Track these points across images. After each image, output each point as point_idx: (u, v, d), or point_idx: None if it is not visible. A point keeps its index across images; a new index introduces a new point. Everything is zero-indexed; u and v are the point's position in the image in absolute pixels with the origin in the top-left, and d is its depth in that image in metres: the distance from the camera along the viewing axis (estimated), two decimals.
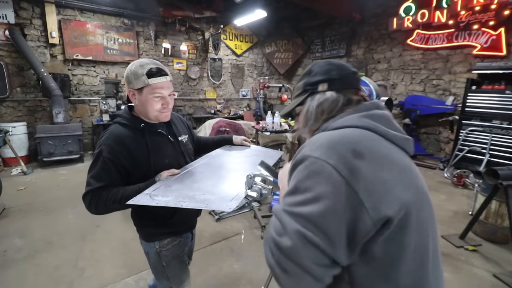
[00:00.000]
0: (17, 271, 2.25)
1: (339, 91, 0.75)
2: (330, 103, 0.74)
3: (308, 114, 0.77)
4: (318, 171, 0.58)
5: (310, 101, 0.78)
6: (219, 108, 7.95)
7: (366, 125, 0.67)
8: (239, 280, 2.18)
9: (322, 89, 0.76)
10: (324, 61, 0.81)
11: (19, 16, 5.14)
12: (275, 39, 8.37)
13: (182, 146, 1.34)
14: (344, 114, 0.72)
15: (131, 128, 1.18)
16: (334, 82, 0.75)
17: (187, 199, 0.94)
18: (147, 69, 1.12)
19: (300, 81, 0.84)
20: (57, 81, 5.31)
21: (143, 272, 2.23)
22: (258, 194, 1.02)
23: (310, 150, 0.62)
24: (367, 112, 0.70)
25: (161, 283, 1.33)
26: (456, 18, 4.81)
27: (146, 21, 6.44)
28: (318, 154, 0.60)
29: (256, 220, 3.08)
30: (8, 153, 4.87)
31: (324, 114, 0.75)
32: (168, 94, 1.19)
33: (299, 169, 0.62)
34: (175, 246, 1.29)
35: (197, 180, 1.14)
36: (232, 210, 0.86)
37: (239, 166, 1.36)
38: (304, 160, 0.62)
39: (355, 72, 0.79)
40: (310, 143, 0.65)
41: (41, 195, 3.77)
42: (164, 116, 1.21)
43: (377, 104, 0.74)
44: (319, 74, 0.78)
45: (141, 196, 0.99)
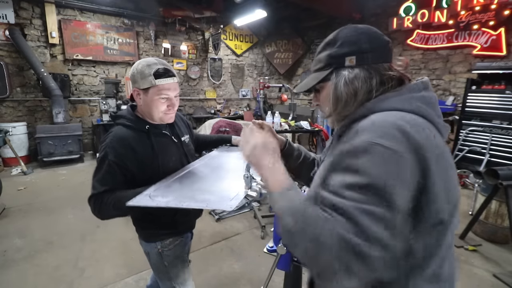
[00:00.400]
0: (17, 271, 2.25)
1: (371, 66, 0.64)
2: (361, 82, 0.64)
3: (338, 94, 0.66)
4: (397, 162, 0.51)
5: (336, 78, 0.66)
6: (219, 108, 7.95)
7: (419, 111, 0.60)
8: (239, 280, 2.18)
9: (350, 64, 0.65)
10: (351, 27, 0.68)
11: (19, 16, 5.13)
12: (275, 39, 8.36)
13: (184, 147, 1.34)
14: (391, 95, 0.63)
15: (136, 130, 1.15)
16: (364, 55, 0.64)
17: (187, 199, 0.93)
18: (154, 69, 1.10)
19: (322, 52, 0.71)
20: (57, 81, 5.30)
21: (143, 272, 2.23)
22: (257, 194, 1.02)
23: (375, 136, 0.54)
24: (418, 94, 0.62)
25: (164, 283, 1.32)
26: (456, 18, 4.81)
27: (146, 21, 6.43)
28: (390, 144, 0.52)
29: (256, 220, 3.08)
30: (8, 153, 4.87)
31: (359, 96, 0.65)
32: (174, 96, 1.17)
33: (365, 160, 0.53)
34: (176, 246, 1.28)
35: (196, 180, 1.12)
36: (233, 209, 0.85)
37: (238, 166, 1.33)
38: (371, 148, 0.53)
39: (388, 42, 0.67)
40: (368, 127, 0.57)
41: (41, 195, 3.77)
42: (168, 117, 1.19)
43: (426, 84, 0.66)
44: (346, 44, 0.66)
45: (141, 197, 0.96)
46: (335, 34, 0.69)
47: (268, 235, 2.79)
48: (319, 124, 3.63)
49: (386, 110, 0.60)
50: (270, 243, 2.59)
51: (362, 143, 0.54)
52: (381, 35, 0.67)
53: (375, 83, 0.64)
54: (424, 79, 0.67)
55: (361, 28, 0.67)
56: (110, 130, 1.17)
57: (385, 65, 0.66)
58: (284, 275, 0.99)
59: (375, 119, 0.59)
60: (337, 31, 0.69)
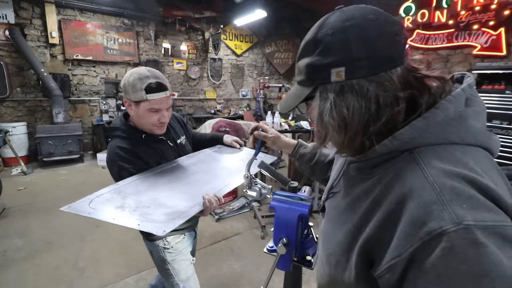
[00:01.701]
0: (17, 271, 2.25)
1: (370, 80, 0.44)
2: (353, 109, 0.45)
3: (325, 124, 0.49)
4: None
5: (320, 101, 0.49)
6: (219, 108, 7.95)
7: (482, 142, 0.44)
8: (239, 280, 2.18)
9: (338, 79, 0.45)
10: (338, 16, 0.46)
11: (19, 16, 5.13)
12: (275, 39, 8.36)
13: (181, 149, 1.34)
14: (432, 115, 0.44)
15: (133, 140, 1.17)
16: (357, 64, 0.44)
17: (126, 211, 0.87)
18: (146, 84, 1.08)
19: (301, 57, 0.52)
20: (57, 81, 5.30)
21: (143, 272, 2.23)
22: (257, 193, 1.02)
23: (460, 213, 0.36)
24: (474, 109, 0.45)
25: (167, 281, 1.33)
26: (456, 18, 4.81)
27: (146, 21, 6.43)
28: (491, 217, 0.36)
29: (256, 220, 3.08)
30: (8, 153, 4.86)
31: (354, 128, 0.47)
32: (166, 109, 1.16)
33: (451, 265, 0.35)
34: (178, 244, 1.29)
35: (155, 186, 1.04)
36: (166, 233, 0.77)
37: (215, 173, 1.25)
38: (472, 237, 0.34)
39: (397, 32, 0.45)
40: (431, 197, 0.38)
41: (41, 195, 3.77)
42: (159, 130, 1.20)
43: (472, 87, 0.48)
44: (331, 50, 0.46)
45: (81, 201, 0.92)
46: (316, 30, 0.49)
47: (268, 235, 2.78)
48: None
49: (435, 144, 0.43)
50: (270, 243, 2.58)
51: (451, 236, 0.35)
52: (384, 21, 0.45)
53: (374, 109, 0.45)
54: (468, 79, 0.50)
55: (353, 15, 0.45)
56: (109, 143, 1.18)
57: (394, 72, 0.44)
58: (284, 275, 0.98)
59: (433, 175, 0.40)
60: (320, 23, 0.49)
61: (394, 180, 0.45)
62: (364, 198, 0.50)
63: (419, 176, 0.41)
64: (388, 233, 0.42)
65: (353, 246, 0.50)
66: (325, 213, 0.67)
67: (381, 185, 0.47)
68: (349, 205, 0.54)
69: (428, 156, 0.43)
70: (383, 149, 0.47)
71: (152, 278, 1.95)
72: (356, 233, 0.49)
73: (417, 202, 0.39)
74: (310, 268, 0.86)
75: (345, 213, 0.55)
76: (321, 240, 0.66)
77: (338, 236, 0.55)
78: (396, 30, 0.45)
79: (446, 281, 0.35)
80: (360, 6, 0.47)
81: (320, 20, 0.50)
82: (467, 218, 0.35)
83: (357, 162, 0.55)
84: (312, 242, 0.91)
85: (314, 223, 0.91)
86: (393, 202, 0.43)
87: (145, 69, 1.13)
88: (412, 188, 0.41)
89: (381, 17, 0.46)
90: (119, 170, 1.10)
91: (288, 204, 0.81)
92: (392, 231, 0.42)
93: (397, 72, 0.45)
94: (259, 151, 1.01)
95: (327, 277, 0.60)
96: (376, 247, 0.45)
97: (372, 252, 0.46)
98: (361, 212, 0.49)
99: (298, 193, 0.89)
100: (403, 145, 0.45)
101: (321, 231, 0.68)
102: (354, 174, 0.56)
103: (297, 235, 0.81)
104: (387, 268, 0.42)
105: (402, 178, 0.44)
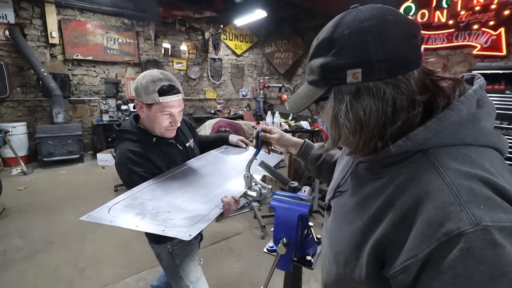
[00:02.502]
0: (17, 271, 2.25)
1: (387, 82, 0.44)
2: (370, 111, 0.45)
3: (339, 125, 0.49)
4: None
5: (334, 102, 0.48)
6: (219, 108, 7.95)
7: (495, 143, 0.45)
8: (239, 280, 2.18)
9: (354, 80, 0.45)
10: (355, 16, 0.45)
11: (19, 16, 5.13)
12: (275, 39, 8.36)
13: (190, 153, 1.34)
14: (446, 117, 0.43)
15: (143, 143, 1.16)
16: (375, 66, 0.43)
17: (147, 217, 0.86)
18: (159, 86, 1.08)
19: (314, 56, 0.50)
20: (57, 81, 5.30)
21: (143, 272, 2.23)
22: (257, 193, 1.02)
23: (478, 214, 0.36)
24: (485, 110, 0.46)
25: (177, 284, 1.31)
26: (456, 18, 4.81)
27: (146, 21, 6.43)
28: (509, 218, 0.36)
29: (256, 220, 3.08)
30: (8, 153, 4.86)
31: (371, 130, 0.46)
32: (178, 112, 1.16)
33: (472, 266, 0.35)
34: (186, 245, 1.28)
35: (170, 191, 1.03)
36: (192, 238, 0.77)
37: (226, 174, 1.25)
38: (493, 239, 0.34)
39: (415, 34, 0.45)
40: (449, 199, 0.38)
41: (41, 195, 3.77)
42: (170, 133, 1.20)
43: (483, 88, 0.48)
44: (347, 50, 0.45)
45: (100, 210, 0.90)
46: (332, 29, 0.47)
47: (268, 235, 2.79)
48: (319, 124, 3.63)
49: (449, 145, 0.43)
50: (270, 243, 2.58)
51: (472, 239, 0.35)
52: (403, 23, 0.44)
53: (391, 111, 0.44)
54: (478, 80, 0.50)
55: (371, 16, 0.44)
56: (118, 145, 1.16)
57: (412, 75, 0.44)
58: (284, 275, 0.98)
59: (449, 176, 0.40)
60: (335, 22, 0.47)
61: (408, 181, 0.45)
62: (375, 197, 0.49)
63: (435, 177, 0.41)
64: (402, 234, 0.42)
65: (363, 245, 0.49)
66: (331, 211, 0.67)
67: (393, 186, 0.47)
68: (358, 204, 0.54)
69: (443, 157, 0.43)
70: (397, 149, 0.46)
71: (152, 278, 1.95)
72: (366, 232, 0.49)
73: (434, 203, 0.39)
74: (310, 268, 0.86)
75: (354, 212, 0.55)
76: (327, 239, 0.66)
77: (346, 235, 0.55)
78: (414, 31, 0.45)
79: (464, 281, 0.35)
80: (377, 6, 0.46)
81: (335, 19, 0.48)
82: (485, 219, 0.35)
83: (366, 162, 0.55)
84: (312, 242, 0.91)
85: (314, 223, 0.91)
86: (407, 203, 0.43)
87: (158, 71, 1.12)
88: (429, 189, 0.41)
89: (399, 18, 0.45)
90: (129, 174, 1.09)
91: (288, 204, 0.81)
92: (407, 232, 0.41)
93: (414, 75, 0.44)
94: (259, 151, 1.01)
95: (335, 276, 0.59)
96: (389, 247, 0.45)
97: (384, 252, 0.46)
98: (372, 212, 0.49)
99: (298, 193, 0.89)
100: (417, 146, 0.45)
101: (327, 230, 0.67)
102: (363, 173, 0.56)
103: (297, 235, 0.81)
104: (402, 269, 0.41)
105: (417, 180, 0.43)
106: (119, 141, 1.18)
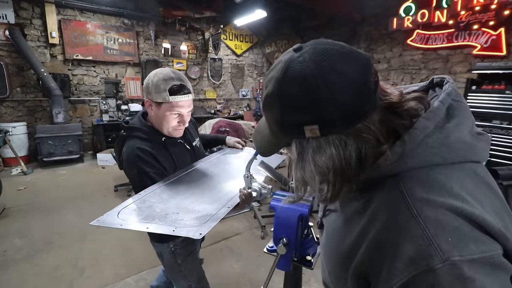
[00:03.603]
0: (17, 271, 2.25)
1: (347, 133, 0.42)
2: (334, 160, 0.44)
3: (304, 179, 0.48)
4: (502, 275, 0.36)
5: (297, 154, 0.47)
6: (219, 108, 7.95)
7: (464, 155, 0.43)
8: (239, 280, 2.18)
9: (312, 135, 0.43)
10: (305, 71, 0.41)
11: (19, 16, 5.13)
12: (275, 39, 8.36)
13: (197, 152, 1.34)
14: (414, 137, 0.42)
15: (153, 142, 1.15)
16: (330, 123, 0.41)
17: (156, 219, 0.87)
18: (170, 85, 1.07)
19: (267, 110, 0.48)
20: (57, 81, 5.31)
21: (143, 272, 2.23)
22: (257, 193, 1.02)
23: (446, 248, 0.36)
24: (456, 121, 0.43)
25: (179, 283, 1.31)
26: (456, 18, 4.81)
27: (146, 21, 6.43)
28: (479, 248, 0.36)
29: (256, 220, 3.08)
30: (8, 153, 4.86)
31: (334, 175, 0.45)
32: (187, 112, 1.16)
33: None
34: (188, 244, 1.28)
35: (177, 193, 1.05)
36: (202, 236, 0.78)
37: (229, 175, 1.26)
38: (440, 274, 0.35)
39: (365, 80, 0.41)
40: (415, 231, 0.38)
41: (41, 195, 3.77)
42: (178, 133, 1.20)
43: (452, 94, 0.45)
44: (299, 109, 0.42)
45: (109, 214, 0.91)
46: (277, 85, 0.43)
47: (268, 235, 2.78)
48: None
49: (418, 167, 0.42)
50: (270, 243, 2.58)
51: (441, 276, 0.35)
52: (353, 70, 0.41)
53: (356, 161, 0.44)
54: (447, 85, 0.47)
55: (316, 68, 0.40)
56: (126, 142, 1.15)
57: (370, 120, 0.42)
58: (284, 275, 0.98)
59: (416, 208, 0.40)
60: (280, 75, 0.43)
61: (382, 209, 0.44)
62: (357, 219, 0.49)
63: (404, 209, 0.41)
64: (377, 262, 0.43)
65: (348, 268, 0.50)
66: (324, 229, 0.68)
67: (370, 209, 0.46)
68: (345, 223, 0.54)
69: (411, 183, 0.42)
70: (366, 177, 0.46)
71: (152, 278, 1.95)
72: (350, 255, 0.50)
73: (403, 236, 0.39)
74: (310, 268, 0.86)
75: (341, 230, 0.55)
76: (322, 255, 0.67)
77: (335, 256, 0.56)
78: (366, 75, 0.41)
79: None
80: (320, 49, 0.42)
81: (279, 71, 0.43)
82: (453, 254, 0.35)
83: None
84: (312, 242, 0.91)
85: (314, 223, 0.91)
86: (380, 232, 0.43)
87: (170, 70, 1.11)
88: (398, 222, 0.41)
89: (348, 64, 0.41)
90: (138, 173, 1.09)
91: (288, 204, 0.81)
92: (381, 262, 0.42)
93: (373, 119, 0.43)
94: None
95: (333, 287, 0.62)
96: (369, 273, 0.45)
97: (367, 275, 0.46)
98: (354, 235, 0.49)
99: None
100: (386, 172, 0.44)
101: (321, 246, 0.69)
102: (346, 193, 0.55)
103: (297, 235, 0.81)
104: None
105: (388, 209, 0.43)
106: (128, 138, 1.16)
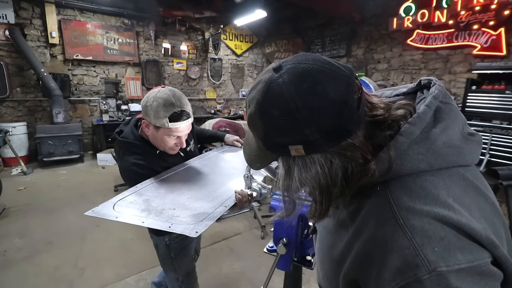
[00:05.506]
0: (17, 271, 2.25)
1: (332, 150, 0.42)
2: (323, 182, 0.43)
3: (291, 198, 0.49)
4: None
5: (284, 171, 0.47)
6: (219, 108, 7.95)
7: (450, 160, 0.42)
8: (239, 280, 2.18)
9: (298, 154, 0.43)
10: (285, 94, 0.40)
11: (19, 16, 5.13)
12: (275, 39, 8.36)
13: (190, 157, 1.36)
14: (399, 144, 0.42)
15: (147, 155, 1.17)
16: (314, 143, 0.41)
17: (152, 214, 0.87)
18: (170, 113, 1.05)
19: (252, 127, 0.47)
20: (57, 81, 5.31)
21: (143, 272, 2.23)
22: (257, 193, 1.02)
23: (431, 258, 0.36)
24: (444, 124, 0.43)
25: (168, 274, 1.37)
26: (456, 18, 4.81)
27: (146, 21, 6.43)
28: (466, 258, 0.36)
29: (256, 220, 3.08)
30: (8, 153, 4.86)
31: (323, 190, 0.44)
32: (185, 134, 1.17)
33: None
34: (183, 239, 1.32)
35: (174, 189, 1.05)
36: (198, 234, 0.78)
37: (227, 173, 1.27)
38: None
39: (346, 98, 0.39)
40: (401, 241, 0.38)
41: (41, 195, 3.77)
42: (173, 152, 1.22)
43: (439, 96, 0.45)
44: (282, 131, 0.42)
45: (105, 205, 0.91)
46: (259, 107, 0.42)
47: (268, 235, 2.78)
48: None
49: (404, 175, 0.42)
50: (270, 243, 2.58)
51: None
52: (334, 90, 0.39)
53: (342, 177, 0.43)
54: (433, 88, 0.46)
55: (296, 92, 0.39)
56: (122, 156, 1.16)
57: (355, 137, 0.42)
58: (284, 275, 0.98)
59: (403, 217, 0.39)
60: (260, 97, 0.42)
61: (370, 217, 0.44)
62: (346, 226, 0.49)
63: (390, 217, 0.40)
64: (366, 271, 0.43)
65: (339, 274, 0.50)
66: (317, 233, 0.68)
67: (359, 217, 0.46)
68: (337, 227, 0.54)
69: (398, 192, 0.42)
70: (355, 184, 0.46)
71: (152, 278, 1.95)
72: (340, 261, 0.50)
73: (390, 246, 0.39)
74: (310, 268, 0.86)
75: (334, 235, 0.55)
76: (317, 258, 0.68)
77: (328, 261, 0.57)
78: (347, 96, 0.40)
79: None
80: (300, 68, 0.40)
81: (260, 92, 0.42)
82: (439, 265, 0.35)
83: None
84: (312, 242, 0.90)
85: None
86: (368, 241, 0.43)
87: (169, 93, 1.07)
88: (385, 232, 0.40)
89: (328, 85, 0.39)
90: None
91: None
92: (370, 270, 0.42)
93: (357, 136, 0.42)
94: None
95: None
96: (359, 279, 0.46)
97: (357, 281, 0.46)
98: (345, 241, 0.49)
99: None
100: (374, 179, 0.43)
101: (316, 250, 0.69)
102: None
103: (297, 235, 0.81)
104: None
105: (376, 218, 0.43)
106: (122, 152, 1.19)
